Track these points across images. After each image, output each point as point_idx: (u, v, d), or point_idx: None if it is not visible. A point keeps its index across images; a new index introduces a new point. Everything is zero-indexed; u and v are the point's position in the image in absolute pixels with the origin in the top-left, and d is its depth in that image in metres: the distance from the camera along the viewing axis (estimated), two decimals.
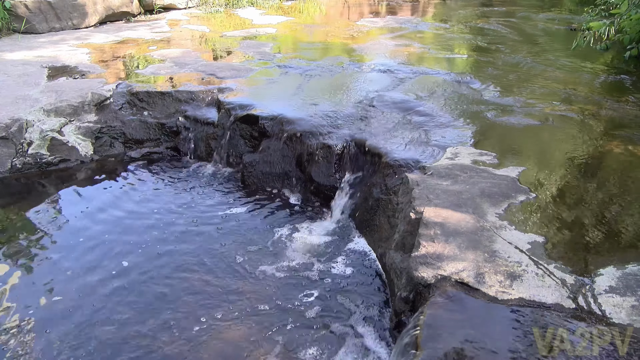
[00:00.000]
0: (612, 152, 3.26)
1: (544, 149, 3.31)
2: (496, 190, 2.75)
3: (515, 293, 2.00)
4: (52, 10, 6.86)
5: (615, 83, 4.80)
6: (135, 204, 3.67)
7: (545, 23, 8.02)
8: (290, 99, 4.31)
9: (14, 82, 4.70)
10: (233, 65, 5.32)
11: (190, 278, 2.87)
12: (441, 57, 5.83)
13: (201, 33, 7.11)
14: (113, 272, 2.92)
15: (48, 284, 2.82)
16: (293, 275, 2.90)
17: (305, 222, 3.45)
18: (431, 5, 10.48)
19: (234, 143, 4.15)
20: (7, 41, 6.29)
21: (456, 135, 3.55)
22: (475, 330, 1.81)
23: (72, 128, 4.26)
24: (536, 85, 4.66)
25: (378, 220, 3.11)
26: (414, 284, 2.20)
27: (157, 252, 3.10)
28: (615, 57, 5.75)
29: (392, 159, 3.25)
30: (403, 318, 2.29)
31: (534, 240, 2.34)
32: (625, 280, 2.06)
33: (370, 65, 5.40)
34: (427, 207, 2.59)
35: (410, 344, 1.86)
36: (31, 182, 3.95)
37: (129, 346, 2.40)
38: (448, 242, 2.32)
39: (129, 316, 2.58)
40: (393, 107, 4.10)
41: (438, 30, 7.58)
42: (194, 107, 4.48)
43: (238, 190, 3.89)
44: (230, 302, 2.68)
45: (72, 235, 3.28)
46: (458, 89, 4.59)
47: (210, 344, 2.40)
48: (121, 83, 4.73)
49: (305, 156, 3.73)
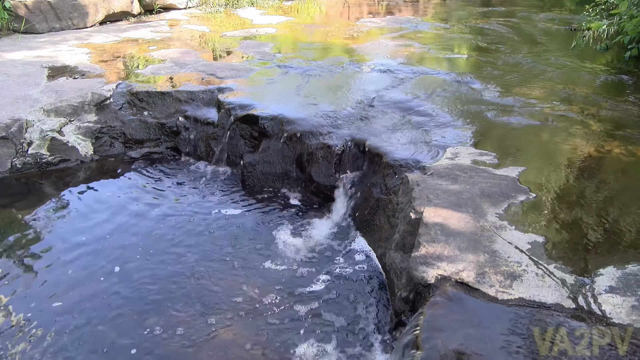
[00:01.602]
0: (612, 152, 3.26)
1: (544, 149, 3.31)
2: (496, 190, 2.75)
3: (515, 293, 2.00)
4: (52, 10, 6.86)
5: (615, 83, 4.80)
6: (135, 204, 3.66)
7: (545, 23, 8.02)
8: (290, 99, 4.31)
9: (14, 82, 4.70)
10: (233, 65, 5.32)
11: (190, 278, 2.87)
12: (441, 57, 5.83)
13: (201, 33, 7.11)
14: (113, 272, 2.92)
15: (47, 284, 2.82)
16: (293, 275, 2.90)
17: (305, 222, 3.45)
18: (431, 5, 10.48)
19: (234, 143, 4.15)
20: (7, 41, 6.29)
21: (456, 135, 3.55)
22: (475, 330, 1.81)
23: (72, 128, 4.26)
24: (536, 85, 4.67)
25: (378, 220, 3.11)
26: (414, 284, 2.20)
27: (156, 252, 3.10)
28: (615, 57, 5.75)
29: (392, 159, 3.25)
30: (403, 318, 2.29)
31: (534, 240, 2.34)
32: (625, 280, 2.06)
33: (370, 65, 5.40)
34: (427, 207, 2.59)
35: (410, 344, 1.86)
36: (31, 182, 3.95)
37: (129, 346, 2.40)
38: (448, 242, 2.32)
39: (129, 316, 2.58)
40: (393, 107, 4.10)
41: (438, 30, 7.58)
42: (194, 107, 4.48)
43: (238, 190, 3.89)
44: (230, 301, 2.68)
45: (72, 235, 3.28)
46: (458, 89, 4.59)
47: (208, 343, 2.40)
48: (121, 83, 4.73)
49: (305, 156, 3.73)
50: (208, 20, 8.22)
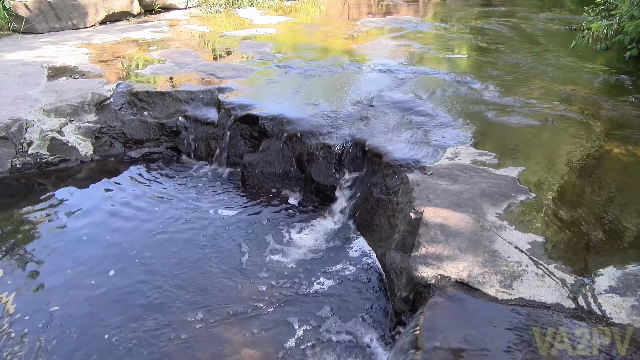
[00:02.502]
0: (612, 152, 3.26)
1: (544, 149, 3.31)
2: (496, 190, 2.75)
3: (515, 293, 2.00)
4: (52, 11, 6.86)
5: (615, 83, 4.80)
6: (135, 204, 3.66)
7: (545, 23, 8.02)
8: (290, 99, 4.31)
9: (14, 82, 4.70)
10: (233, 65, 5.32)
11: (190, 278, 2.87)
12: (441, 57, 5.83)
13: (201, 33, 7.11)
14: (112, 272, 2.92)
15: (47, 285, 2.82)
16: (292, 275, 2.90)
17: (305, 222, 3.45)
18: (431, 5, 10.48)
19: (234, 143, 4.15)
20: (7, 41, 6.30)
21: (456, 135, 3.55)
22: (475, 330, 1.81)
23: (72, 128, 4.26)
24: (536, 86, 4.66)
25: (378, 220, 3.11)
26: (414, 283, 2.20)
27: (156, 252, 3.10)
28: (615, 57, 5.75)
29: (392, 159, 3.25)
30: (403, 318, 2.29)
31: (534, 240, 2.34)
32: (625, 280, 2.06)
33: (370, 65, 5.40)
34: (427, 207, 2.59)
35: (410, 344, 1.86)
36: (31, 182, 3.95)
37: (130, 346, 2.40)
38: (448, 242, 2.32)
39: (130, 316, 2.58)
40: (393, 107, 4.10)
41: (438, 30, 7.58)
42: (194, 107, 4.48)
43: (238, 190, 3.89)
44: (229, 301, 2.68)
45: (72, 235, 3.28)
46: (458, 89, 4.59)
47: (207, 343, 2.40)
48: (121, 83, 4.73)
49: (305, 156, 3.73)
50: (208, 20, 8.22)
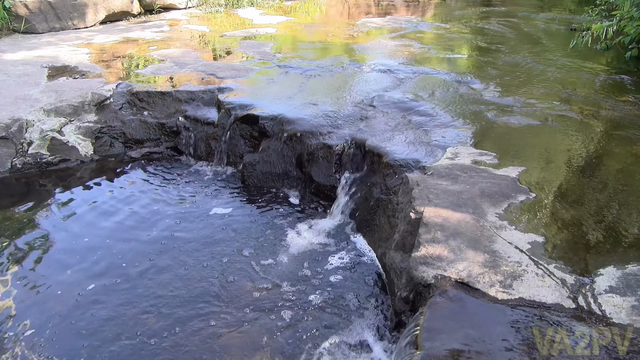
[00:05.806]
0: (612, 152, 3.26)
1: (544, 149, 3.31)
2: (496, 190, 2.75)
3: (515, 293, 2.00)
4: (52, 10, 6.86)
5: (615, 83, 4.80)
6: (135, 204, 3.66)
7: (545, 23, 8.02)
8: (290, 99, 4.31)
9: (14, 82, 4.70)
10: (233, 65, 5.32)
11: (190, 278, 2.87)
12: (441, 57, 5.83)
13: (201, 33, 7.11)
14: (112, 272, 2.92)
15: (47, 285, 2.82)
16: (292, 275, 2.90)
17: (305, 222, 3.45)
18: (431, 5, 10.48)
19: (234, 143, 4.15)
20: (7, 41, 6.29)
21: (456, 135, 3.55)
22: (475, 330, 1.81)
23: (72, 128, 4.26)
24: (536, 85, 4.67)
25: (378, 220, 3.11)
26: (414, 284, 2.20)
27: (157, 253, 3.10)
28: (615, 57, 5.75)
29: (392, 159, 3.25)
30: (403, 318, 2.29)
31: (534, 240, 2.34)
32: (625, 280, 2.06)
33: (370, 65, 5.40)
34: (427, 207, 2.59)
35: (410, 344, 1.86)
36: (31, 182, 3.95)
37: (130, 346, 2.40)
38: (448, 242, 2.32)
39: (129, 317, 2.58)
40: (393, 107, 4.10)
41: (438, 30, 7.58)
42: (194, 107, 4.48)
43: (238, 190, 3.89)
44: (229, 300, 2.68)
45: (72, 236, 3.28)
46: (458, 89, 4.59)
47: (207, 342, 2.40)
48: (121, 83, 4.73)
49: (306, 156, 3.73)
50: (208, 20, 8.22)
